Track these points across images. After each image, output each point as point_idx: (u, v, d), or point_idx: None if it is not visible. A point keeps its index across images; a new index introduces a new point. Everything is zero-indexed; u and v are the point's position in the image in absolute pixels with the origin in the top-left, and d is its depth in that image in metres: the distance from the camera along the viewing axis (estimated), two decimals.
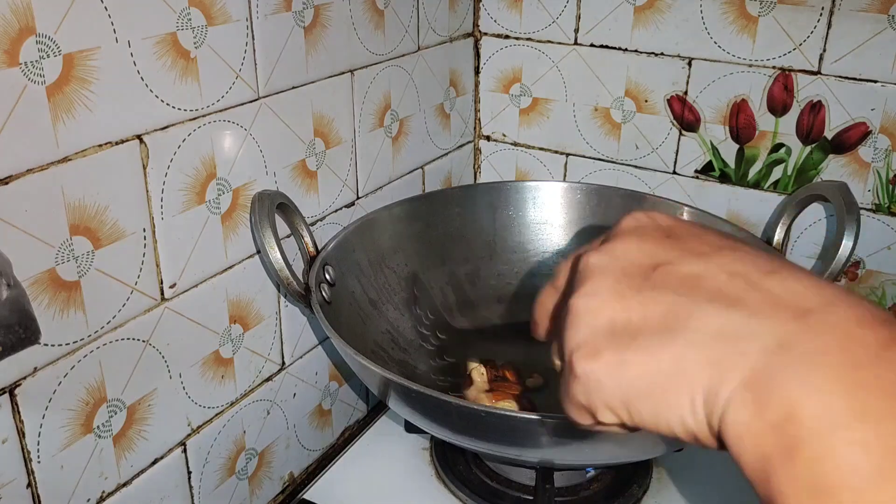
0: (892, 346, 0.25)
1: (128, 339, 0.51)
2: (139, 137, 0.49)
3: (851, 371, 0.25)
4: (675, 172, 0.82)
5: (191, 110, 0.53)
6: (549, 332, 0.38)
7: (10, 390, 0.45)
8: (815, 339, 0.26)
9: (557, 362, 0.34)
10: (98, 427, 0.51)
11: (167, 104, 0.51)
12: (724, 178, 0.79)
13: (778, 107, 0.75)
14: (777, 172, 0.77)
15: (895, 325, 0.26)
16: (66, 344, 0.47)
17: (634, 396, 0.29)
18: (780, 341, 0.26)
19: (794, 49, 0.72)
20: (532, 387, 0.68)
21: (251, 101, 0.58)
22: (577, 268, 0.33)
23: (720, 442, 0.28)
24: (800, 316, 0.27)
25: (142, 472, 0.55)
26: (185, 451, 0.59)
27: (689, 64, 0.77)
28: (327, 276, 0.63)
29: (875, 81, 0.70)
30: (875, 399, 0.24)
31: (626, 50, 0.80)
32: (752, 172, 0.78)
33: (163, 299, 0.54)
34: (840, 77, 0.71)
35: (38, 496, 0.48)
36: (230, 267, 0.59)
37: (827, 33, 0.70)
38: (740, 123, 0.77)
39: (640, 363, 0.29)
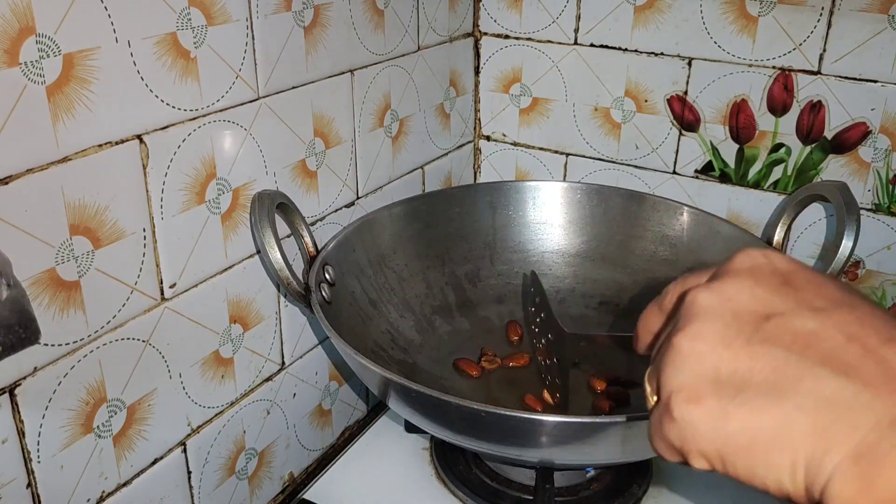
0: None
1: (128, 339, 0.51)
2: (139, 137, 0.49)
3: None
4: (675, 172, 0.82)
5: (191, 110, 0.53)
6: (649, 347, 0.37)
7: (10, 390, 0.45)
8: None
9: (650, 393, 0.33)
10: (98, 427, 0.51)
11: (167, 104, 0.51)
12: (724, 178, 0.79)
13: (778, 107, 0.75)
14: (777, 172, 0.77)
15: None
16: (66, 344, 0.47)
17: (732, 450, 0.29)
18: (893, 419, 0.26)
19: (794, 49, 0.72)
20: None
21: (251, 101, 0.58)
22: (685, 301, 0.32)
23: None
24: None
25: (142, 471, 0.55)
26: (185, 450, 0.59)
27: (689, 64, 0.77)
28: (327, 276, 0.63)
29: (875, 81, 0.70)
30: None
31: (626, 50, 0.80)
32: (752, 172, 0.78)
33: (163, 299, 0.54)
34: (840, 77, 0.71)
35: (38, 496, 0.48)
36: (230, 267, 0.59)
37: (827, 33, 0.70)
38: (740, 123, 0.77)
39: (743, 419, 0.28)
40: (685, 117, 0.79)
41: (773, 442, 0.27)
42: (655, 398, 0.32)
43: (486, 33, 0.86)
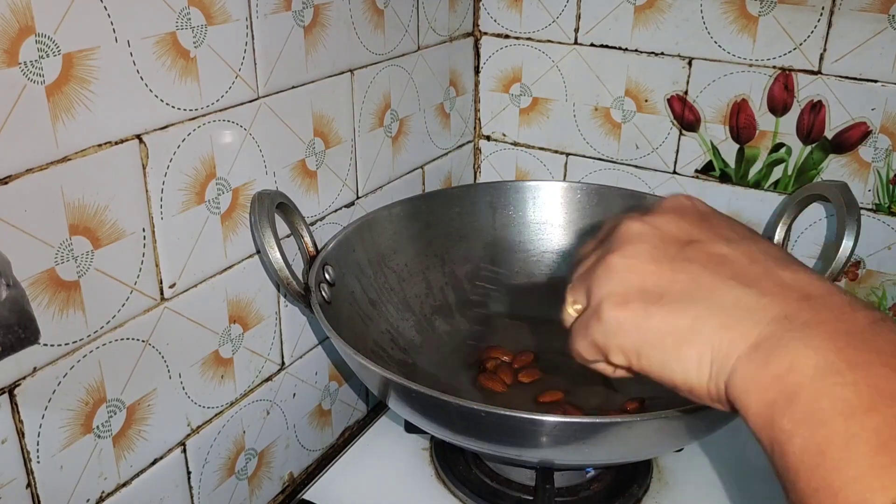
0: (879, 323, 0.30)
1: (127, 339, 0.51)
2: (139, 137, 0.49)
3: (844, 335, 0.30)
4: (675, 172, 0.82)
5: (190, 110, 0.53)
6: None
7: (10, 390, 0.45)
8: (816, 313, 0.31)
9: (572, 303, 0.40)
10: (97, 427, 0.51)
11: (167, 104, 0.51)
12: (724, 177, 0.79)
13: (778, 106, 0.75)
14: (777, 172, 0.77)
15: (882, 315, 0.31)
16: (66, 344, 0.47)
17: (649, 344, 0.34)
18: (786, 314, 0.31)
19: (795, 49, 0.72)
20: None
21: (251, 101, 0.57)
22: (618, 229, 0.38)
23: (725, 402, 0.33)
24: (803, 298, 0.32)
25: (141, 472, 0.55)
26: (184, 451, 0.59)
27: (690, 63, 0.77)
28: (327, 276, 0.63)
29: (875, 81, 0.70)
30: (864, 354, 0.29)
31: (626, 49, 0.80)
32: (753, 172, 0.78)
33: (162, 299, 0.54)
34: (840, 77, 0.71)
35: (38, 496, 0.48)
36: (230, 267, 0.59)
37: (827, 33, 0.70)
38: (740, 123, 0.77)
39: (662, 317, 0.34)
40: (685, 117, 0.79)
41: (686, 337, 0.33)
42: (579, 307, 0.39)
43: (486, 33, 0.86)
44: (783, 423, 0.29)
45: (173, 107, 0.51)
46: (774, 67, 0.74)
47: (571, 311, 0.40)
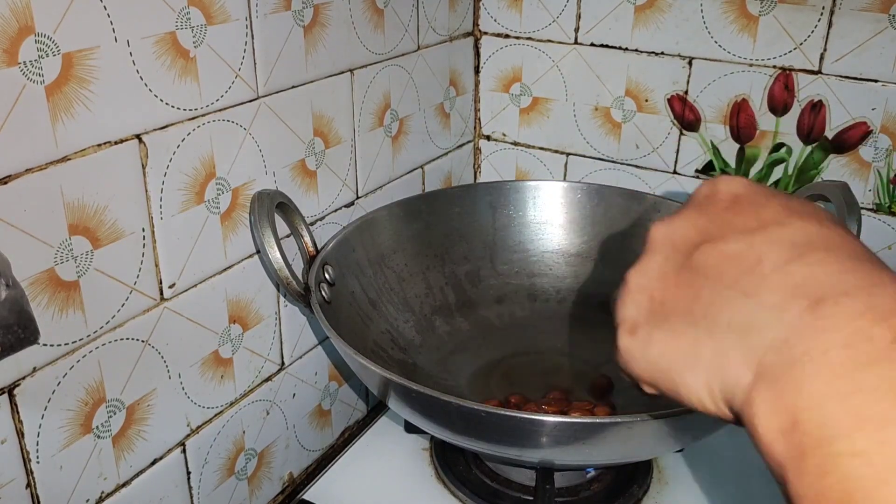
0: None
1: (127, 339, 0.51)
2: (138, 137, 0.49)
3: (852, 372, 0.24)
4: (675, 172, 0.82)
5: (190, 110, 0.52)
6: None
7: (10, 390, 0.45)
8: (819, 336, 0.25)
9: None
10: (97, 427, 0.51)
11: (166, 104, 0.51)
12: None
13: (778, 106, 0.75)
14: (778, 172, 0.77)
15: None
16: (65, 344, 0.47)
17: (658, 373, 0.31)
18: (786, 337, 0.26)
19: (795, 48, 0.72)
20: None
21: (250, 101, 0.57)
22: (646, 239, 0.34)
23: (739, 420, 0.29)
24: (811, 306, 0.26)
25: (141, 472, 0.55)
26: (184, 451, 0.58)
27: (690, 63, 0.77)
28: (327, 276, 0.63)
29: (876, 81, 0.70)
30: (875, 403, 0.23)
31: (626, 49, 0.80)
32: (753, 172, 0.78)
33: (162, 299, 0.54)
34: (841, 76, 0.71)
35: (38, 496, 0.48)
36: (229, 267, 0.59)
37: (827, 33, 0.70)
38: (741, 123, 0.77)
39: (664, 344, 0.30)
40: (686, 117, 0.79)
41: (688, 364, 0.30)
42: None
43: (486, 33, 0.86)
44: (797, 489, 0.25)
45: (173, 106, 0.51)
46: (775, 67, 0.74)
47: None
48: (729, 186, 0.33)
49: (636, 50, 0.79)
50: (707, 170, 0.80)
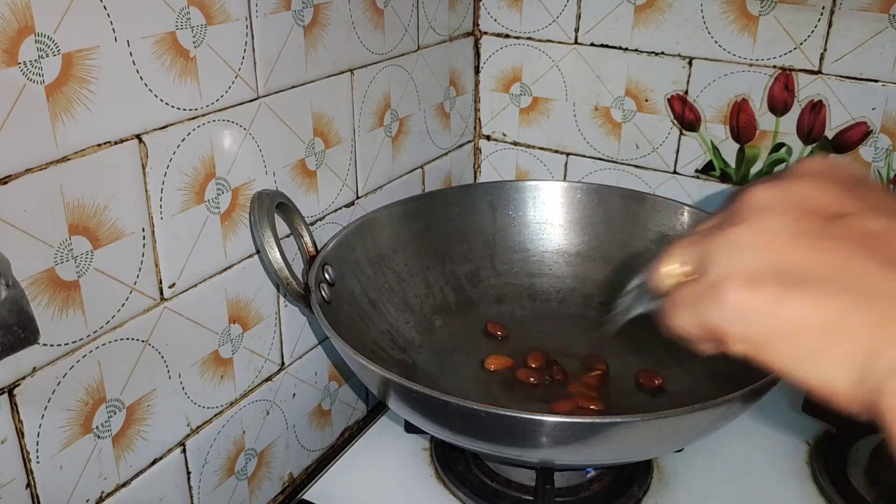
0: None
1: (127, 339, 0.51)
2: (138, 137, 0.49)
3: None
4: (675, 172, 0.82)
5: (190, 110, 0.52)
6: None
7: (9, 390, 0.45)
8: None
9: (674, 264, 0.33)
10: (97, 427, 0.51)
11: (166, 103, 0.51)
12: (724, 177, 0.79)
13: (779, 106, 0.75)
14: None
15: None
16: (65, 344, 0.47)
17: (781, 337, 0.28)
18: None
19: (795, 48, 0.72)
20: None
21: (250, 101, 0.57)
22: (745, 198, 0.31)
23: (874, 412, 0.27)
24: None
25: (141, 472, 0.55)
26: (184, 451, 0.58)
27: (690, 63, 0.77)
28: (327, 276, 0.63)
29: (876, 81, 0.70)
30: None
31: (626, 49, 0.80)
32: (753, 172, 0.78)
33: (162, 299, 0.54)
34: (841, 76, 0.71)
35: (37, 496, 0.48)
36: (229, 267, 0.59)
37: (827, 33, 0.70)
38: (741, 123, 0.77)
39: (801, 305, 0.28)
40: (686, 117, 0.79)
41: (832, 332, 0.27)
42: (685, 269, 0.32)
43: (486, 32, 0.86)
44: None
45: (173, 106, 0.51)
46: (775, 67, 0.74)
47: (670, 271, 0.33)
48: (837, 168, 0.31)
49: (636, 50, 0.79)
50: (707, 170, 0.80)
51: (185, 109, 0.52)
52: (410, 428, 0.67)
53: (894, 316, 0.26)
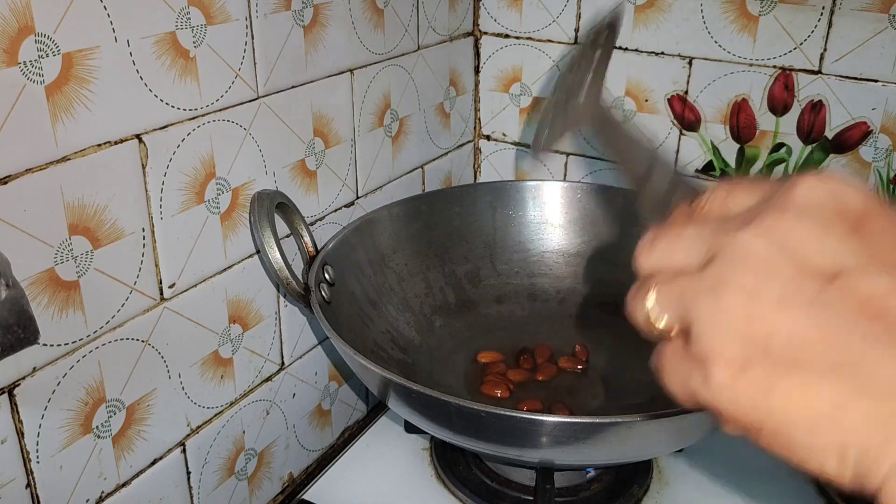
0: None
1: (127, 339, 0.51)
2: (138, 137, 0.49)
3: None
4: (675, 172, 0.81)
5: (190, 110, 0.52)
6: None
7: (9, 390, 0.45)
8: None
9: (657, 322, 0.29)
10: (97, 427, 0.51)
11: (166, 104, 0.51)
12: (724, 177, 0.79)
13: (778, 106, 0.75)
14: (778, 172, 0.77)
15: None
16: (65, 344, 0.47)
17: (773, 426, 0.26)
18: None
19: (795, 48, 0.72)
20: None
21: (250, 101, 0.57)
22: (734, 246, 0.26)
23: (870, 494, 0.25)
24: None
25: (141, 472, 0.55)
26: (184, 451, 0.58)
27: (690, 63, 0.77)
28: (327, 276, 0.63)
29: (876, 81, 0.70)
30: None
31: (626, 49, 0.80)
32: (753, 172, 0.78)
33: (162, 299, 0.54)
34: (841, 76, 0.71)
35: (37, 496, 0.48)
36: (229, 267, 0.59)
37: (827, 33, 0.70)
38: (741, 123, 0.77)
39: (792, 395, 0.25)
40: (685, 117, 0.79)
41: (823, 424, 0.25)
42: (664, 325, 0.29)
43: (486, 32, 0.86)
44: None
45: (173, 106, 0.51)
46: (775, 67, 0.74)
47: (649, 319, 0.29)
48: (843, 197, 0.26)
49: (636, 50, 0.79)
50: (707, 170, 0.80)
51: (185, 109, 0.52)
52: (410, 428, 0.67)
53: (888, 412, 0.24)
